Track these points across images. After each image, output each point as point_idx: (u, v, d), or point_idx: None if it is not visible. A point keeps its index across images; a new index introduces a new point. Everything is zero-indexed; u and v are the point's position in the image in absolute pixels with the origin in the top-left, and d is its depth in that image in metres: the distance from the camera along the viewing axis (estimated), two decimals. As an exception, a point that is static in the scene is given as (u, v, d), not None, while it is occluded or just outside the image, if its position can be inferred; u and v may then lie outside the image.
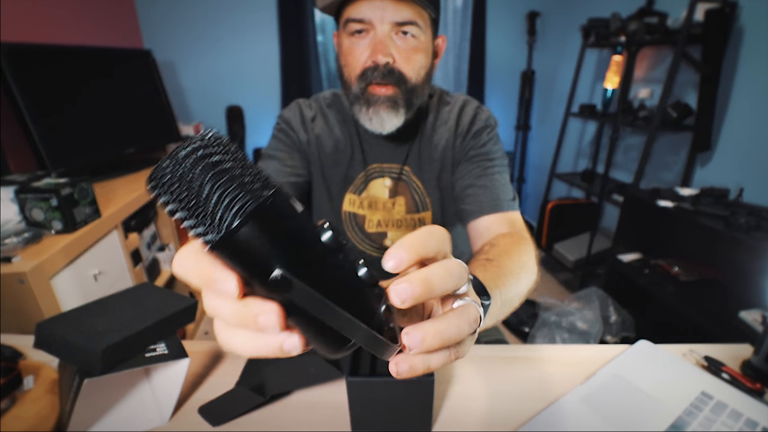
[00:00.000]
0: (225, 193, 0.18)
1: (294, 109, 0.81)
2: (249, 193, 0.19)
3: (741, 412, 0.54)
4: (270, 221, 0.19)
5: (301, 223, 0.21)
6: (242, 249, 0.19)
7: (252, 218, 0.18)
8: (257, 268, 0.19)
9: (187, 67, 2.64)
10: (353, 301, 0.22)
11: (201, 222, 0.18)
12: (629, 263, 1.83)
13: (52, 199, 1.04)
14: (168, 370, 0.53)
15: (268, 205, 0.19)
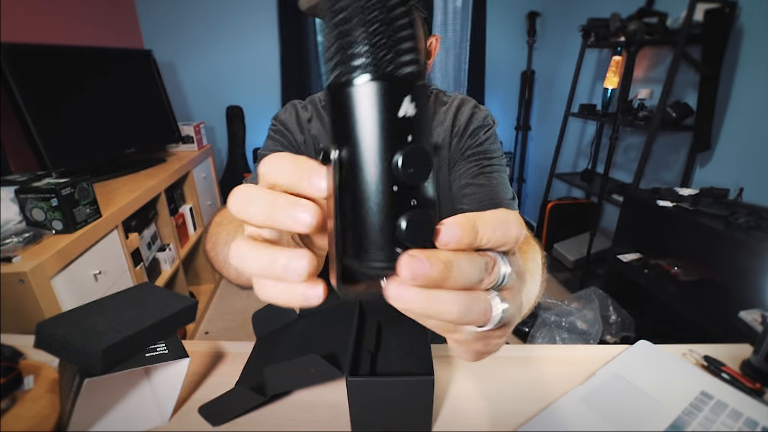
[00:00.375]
0: (415, 42, 0.19)
1: (289, 111, 0.80)
2: (420, 55, 0.20)
3: (741, 411, 0.54)
4: (421, 87, 0.20)
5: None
6: (389, 96, 0.19)
7: (414, 78, 0.19)
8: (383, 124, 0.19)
9: (187, 67, 2.65)
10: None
11: (374, 50, 0.19)
12: (629, 263, 1.83)
13: (52, 199, 1.04)
14: (168, 370, 0.53)
15: (424, 85, 0.20)
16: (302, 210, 0.20)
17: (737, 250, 1.50)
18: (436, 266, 0.19)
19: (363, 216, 0.21)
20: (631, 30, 1.76)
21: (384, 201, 0.20)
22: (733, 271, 1.55)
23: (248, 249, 0.22)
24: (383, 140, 0.19)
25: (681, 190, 1.66)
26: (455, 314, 0.21)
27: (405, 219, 0.20)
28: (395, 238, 0.20)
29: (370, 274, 0.21)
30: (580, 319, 1.74)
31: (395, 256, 0.20)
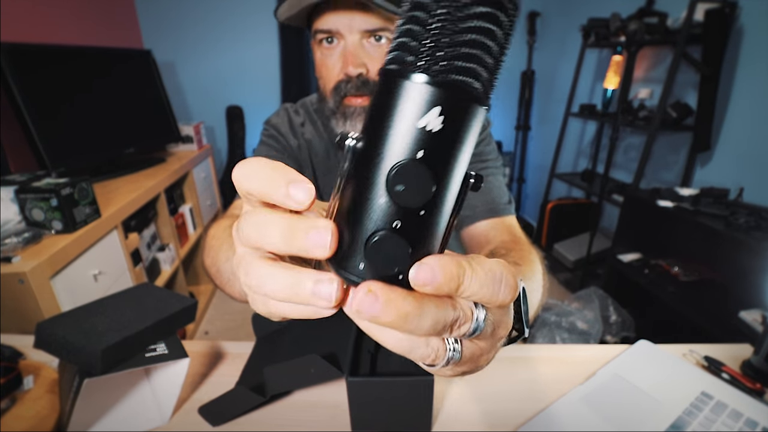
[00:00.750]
0: (475, 51, 0.17)
1: (282, 115, 0.78)
2: (484, 78, 0.18)
3: (741, 412, 0.54)
4: (463, 109, 0.18)
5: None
6: (414, 98, 0.17)
7: (455, 92, 0.17)
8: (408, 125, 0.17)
9: (187, 67, 2.65)
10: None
11: (429, 49, 0.17)
12: (629, 263, 1.83)
13: (52, 199, 1.04)
14: (168, 370, 0.53)
15: (486, 107, 0.18)
16: (324, 232, 0.18)
17: (737, 250, 1.50)
18: (387, 315, 0.17)
19: (347, 214, 0.20)
20: (631, 30, 1.76)
21: (365, 208, 0.19)
22: (733, 271, 1.55)
23: (266, 271, 0.20)
24: (391, 144, 0.18)
25: (681, 190, 1.66)
26: (398, 350, 0.20)
27: (374, 239, 0.18)
28: (362, 253, 0.19)
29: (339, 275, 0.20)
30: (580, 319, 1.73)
31: (357, 271, 0.19)
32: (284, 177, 0.19)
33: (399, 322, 0.18)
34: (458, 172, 0.19)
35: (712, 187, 1.60)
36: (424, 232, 0.19)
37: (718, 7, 1.55)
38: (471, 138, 0.19)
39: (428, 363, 0.21)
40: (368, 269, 0.19)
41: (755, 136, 1.55)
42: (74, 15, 1.91)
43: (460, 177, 0.19)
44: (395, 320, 0.18)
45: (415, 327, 0.18)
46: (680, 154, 1.91)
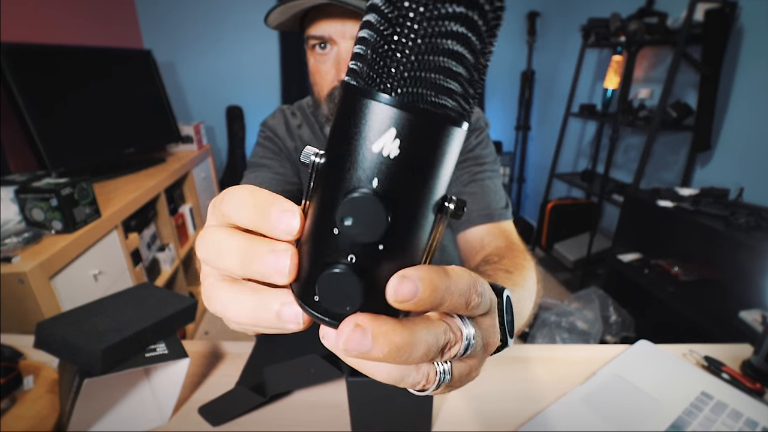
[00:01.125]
0: (444, 61, 0.14)
1: (278, 117, 0.77)
2: (456, 92, 0.15)
3: (741, 412, 0.54)
4: (426, 131, 0.15)
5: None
6: (365, 117, 0.15)
7: (425, 114, 0.15)
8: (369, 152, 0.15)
9: (187, 67, 2.65)
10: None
11: (391, 60, 0.14)
12: (629, 263, 1.83)
13: (52, 199, 1.04)
14: (168, 370, 0.53)
15: (461, 127, 0.16)
16: (282, 257, 0.17)
17: (737, 250, 1.50)
18: (379, 349, 0.16)
19: (306, 239, 0.18)
20: (631, 30, 1.76)
21: (320, 237, 0.17)
22: (733, 271, 1.55)
23: (227, 295, 0.19)
24: (346, 167, 0.16)
25: (681, 190, 1.66)
26: (389, 381, 0.19)
27: (324, 274, 0.17)
28: (314, 286, 0.17)
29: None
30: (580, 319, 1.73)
31: (312, 302, 0.18)
32: (270, 206, 0.18)
33: (392, 355, 0.16)
34: (425, 201, 0.17)
35: (712, 187, 1.60)
36: (384, 269, 0.17)
37: (718, 7, 1.55)
38: (441, 162, 0.16)
39: (419, 389, 0.20)
40: (321, 302, 0.17)
41: (755, 136, 1.55)
42: (74, 15, 1.91)
43: (429, 206, 0.17)
44: (388, 354, 0.16)
45: (408, 357, 0.17)
46: (680, 154, 1.91)
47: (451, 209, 0.18)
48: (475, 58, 0.16)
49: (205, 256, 0.19)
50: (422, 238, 0.18)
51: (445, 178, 0.17)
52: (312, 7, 0.58)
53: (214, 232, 0.19)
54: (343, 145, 0.16)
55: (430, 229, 0.18)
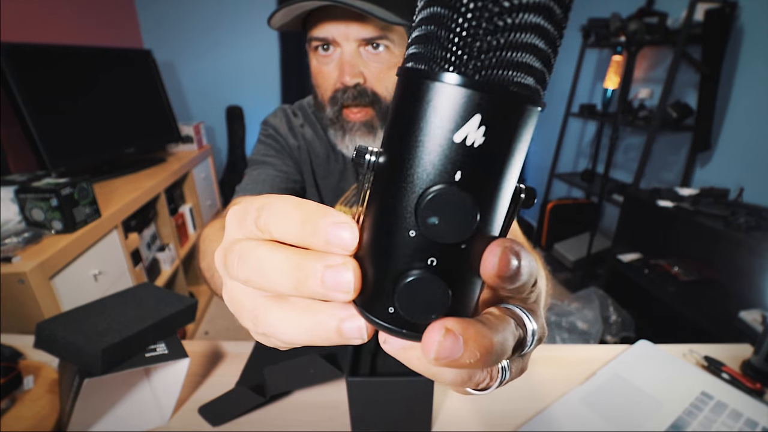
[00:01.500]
0: (526, 37, 0.13)
1: (280, 116, 0.77)
2: (537, 70, 0.14)
3: (741, 412, 0.54)
4: (511, 114, 0.14)
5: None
6: (448, 105, 0.14)
7: (509, 95, 0.13)
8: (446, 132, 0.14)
9: (187, 67, 2.65)
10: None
11: (469, 50, 0.13)
12: (629, 263, 1.83)
13: (52, 199, 1.04)
14: (168, 370, 0.53)
15: (538, 106, 0.14)
16: (343, 272, 0.15)
17: (737, 250, 1.50)
18: (471, 355, 0.15)
19: (370, 247, 0.16)
20: (631, 30, 1.76)
21: (392, 242, 0.15)
22: (733, 271, 1.55)
23: (279, 315, 0.17)
24: (419, 163, 0.14)
25: (681, 190, 1.66)
26: (456, 383, 0.18)
27: (405, 280, 0.15)
28: (392, 295, 0.16)
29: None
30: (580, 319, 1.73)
31: (386, 316, 0.16)
32: (320, 219, 0.16)
33: (482, 359, 0.15)
34: (508, 189, 0.15)
35: (712, 187, 1.60)
36: (466, 269, 0.15)
37: (718, 7, 1.55)
38: (523, 148, 0.15)
39: (481, 388, 0.19)
40: (400, 315, 0.16)
41: (755, 136, 1.55)
42: (74, 15, 1.91)
43: (509, 195, 0.16)
44: (479, 359, 0.15)
45: (495, 359, 0.16)
46: (680, 154, 1.91)
47: (523, 198, 0.17)
48: (558, 32, 0.14)
49: (246, 276, 0.17)
50: (499, 230, 0.16)
51: (521, 164, 0.16)
52: (315, 9, 0.57)
53: (253, 249, 0.17)
54: (413, 138, 0.14)
55: (505, 218, 0.17)
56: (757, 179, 1.55)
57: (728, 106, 1.64)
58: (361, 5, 0.52)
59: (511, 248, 0.15)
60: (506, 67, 0.13)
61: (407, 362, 0.18)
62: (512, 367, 0.20)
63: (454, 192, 0.14)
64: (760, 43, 1.52)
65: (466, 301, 0.17)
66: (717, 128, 1.68)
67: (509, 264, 0.15)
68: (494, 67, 0.13)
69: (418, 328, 0.16)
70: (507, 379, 0.20)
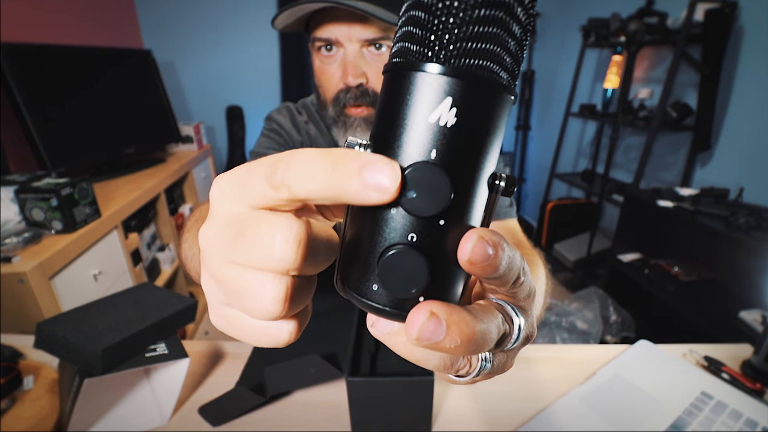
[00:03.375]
0: (491, 29, 0.15)
1: (284, 113, 0.78)
2: (505, 61, 0.16)
3: (741, 412, 0.54)
4: (480, 97, 0.16)
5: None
6: (423, 88, 0.15)
7: (478, 80, 0.15)
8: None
9: (187, 67, 2.65)
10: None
11: (442, 33, 0.15)
12: (629, 263, 1.83)
13: (52, 199, 1.04)
14: (168, 370, 0.53)
15: (511, 95, 0.16)
16: (380, 172, 0.14)
17: (737, 250, 1.50)
18: (453, 339, 0.15)
19: (357, 229, 0.17)
20: (631, 30, 1.76)
21: (375, 220, 0.16)
22: (733, 271, 1.55)
23: (302, 159, 0.15)
24: (400, 143, 0.16)
25: (681, 190, 1.66)
26: (440, 369, 0.19)
27: (386, 255, 0.16)
28: (375, 272, 0.17)
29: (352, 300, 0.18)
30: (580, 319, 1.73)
31: (370, 293, 0.17)
32: (352, 162, 0.14)
33: (463, 346, 0.15)
34: (482, 171, 0.17)
35: (712, 187, 1.60)
36: (445, 246, 0.16)
37: (718, 7, 1.55)
38: (495, 131, 0.16)
39: (461, 374, 0.20)
40: (383, 291, 0.17)
41: (755, 136, 1.55)
42: (74, 15, 1.91)
43: (484, 178, 0.17)
44: (460, 345, 0.15)
45: (476, 348, 0.16)
46: (680, 154, 1.91)
47: (503, 186, 0.17)
48: (521, 30, 0.16)
49: (291, 178, 0.15)
50: (479, 213, 0.17)
51: (496, 151, 0.17)
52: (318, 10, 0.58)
53: (298, 153, 0.15)
54: (395, 122, 0.16)
55: (485, 205, 0.18)
56: (757, 179, 1.54)
57: (728, 106, 1.64)
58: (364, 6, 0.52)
59: (490, 238, 0.16)
60: (473, 56, 0.15)
61: (393, 347, 0.18)
62: (495, 360, 0.21)
63: (429, 167, 0.15)
64: (760, 43, 1.52)
65: (449, 286, 0.17)
66: (717, 128, 1.68)
67: (484, 251, 0.15)
68: (462, 56, 0.15)
69: (402, 307, 0.17)
70: (487, 371, 0.20)
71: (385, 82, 0.17)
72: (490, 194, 0.18)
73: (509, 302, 0.20)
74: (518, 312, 0.20)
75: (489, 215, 0.18)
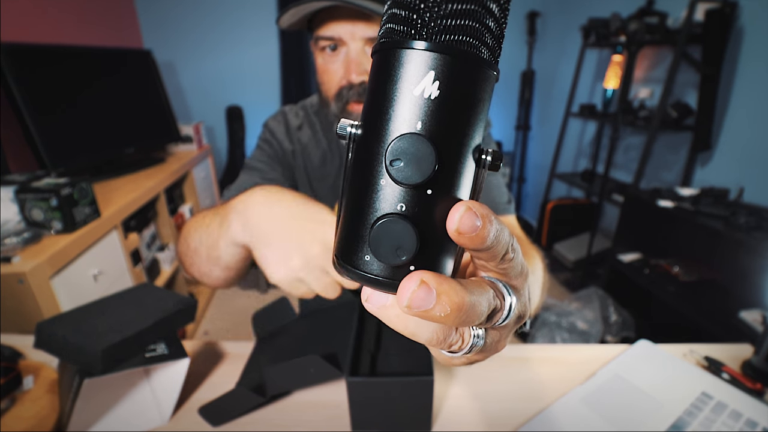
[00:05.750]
0: (470, 6, 0.16)
1: (279, 119, 0.79)
2: (485, 37, 0.17)
3: (741, 412, 0.54)
4: (461, 71, 0.17)
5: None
6: (407, 64, 0.16)
7: (459, 54, 0.16)
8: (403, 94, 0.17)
9: (187, 67, 2.65)
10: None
11: (423, 11, 0.16)
12: (629, 263, 1.83)
13: (51, 199, 1.04)
14: (168, 370, 0.53)
15: (492, 71, 0.18)
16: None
17: (737, 250, 1.50)
18: (442, 308, 0.16)
19: (351, 204, 0.18)
20: (631, 30, 1.76)
21: (367, 193, 0.17)
22: (733, 271, 1.55)
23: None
24: (388, 118, 0.17)
25: (681, 190, 1.66)
26: (431, 342, 0.19)
27: (376, 226, 0.17)
28: (365, 243, 0.17)
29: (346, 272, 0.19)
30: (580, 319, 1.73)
31: (362, 263, 0.18)
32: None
33: (452, 315, 0.16)
34: (466, 142, 0.17)
35: (712, 187, 1.60)
36: (434, 216, 0.17)
37: (718, 7, 1.55)
38: (477, 103, 0.17)
39: (453, 350, 0.20)
40: (374, 260, 0.17)
41: (755, 136, 1.55)
42: (74, 15, 1.91)
43: (469, 149, 0.18)
44: (449, 314, 0.16)
45: (465, 319, 0.17)
46: (680, 154, 1.91)
47: (489, 160, 0.18)
48: (499, 8, 0.17)
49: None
50: (466, 184, 0.18)
51: (481, 124, 0.18)
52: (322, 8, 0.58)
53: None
54: (383, 98, 0.17)
55: (472, 178, 0.18)
56: (757, 179, 1.54)
57: (728, 106, 1.64)
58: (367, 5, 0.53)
59: (478, 209, 0.16)
60: (453, 32, 0.16)
61: (388, 320, 0.19)
62: (487, 337, 0.21)
63: (414, 137, 0.16)
64: (760, 43, 1.52)
65: (440, 258, 0.18)
66: (717, 128, 1.68)
67: (472, 222, 0.16)
68: (444, 32, 0.16)
69: (394, 277, 0.18)
70: (480, 348, 0.21)
71: (373, 64, 0.18)
72: (477, 168, 0.18)
73: (501, 280, 0.20)
74: (510, 290, 0.20)
75: (477, 189, 0.19)
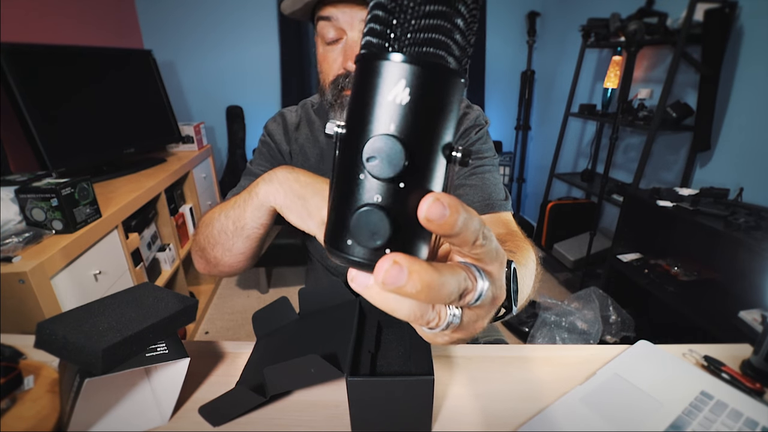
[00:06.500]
0: (441, 34, 0.19)
1: (278, 120, 0.80)
2: (452, 49, 0.19)
3: (741, 411, 0.54)
4: (429, 80, 0.19)
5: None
6: (382, 74, 0.19)
7: (427, 65, 0.19)
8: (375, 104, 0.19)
9: (187, 67, 2.65)
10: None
11: (396, 27, 0.19)
12: (629, 263, 1.83)
13: (52, 198, 1.04)
14: (168, 370, 0.53)
15: (459, 78, 0.20)
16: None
17: (737, 250, 1.50)
18: (413, 285, 0.18)
19: (337, 197, 0.21)
20: (631, 30, 1.76)
21: (349, 187, 0.20)
22: (733, 271, 1.55)
23: None
24: (366, 121, 0.19)
25: (681, 190, 1.66)
26: (410, 318, 0.21)
27: (355, 215, 0.19)
28: (347, 230, 0.20)
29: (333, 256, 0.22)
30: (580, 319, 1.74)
31: (345, 247, 0.20)
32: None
33: (423, 292, 0.18)
34: (435, 141, 0.20)
35: (712, 187, 1.60)
36: (406, 205, 0.20)
37: (718, 7, 1.55)
38: (444, 107, 0.20)
39: (431, 327, 0.23)
40: (355, 244, 0.20)
41: (755, 136, 1.55)
42: (74, 15, 1.91)
43: (438, 147, 0.20)
44: (420, 290, 0.18)
45: (435, 296, 0.19)
46: (680, 154, 1.91)
47: (459, 157, 0.20)
48: (465, 23, 0.19)
49: None
50: (436, 178, 0.20)
51: (450, 125, 0.20)
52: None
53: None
54: (362, 103, 0.19)
55: (443, 173, 0.21)
56: (757, 179, 1.54)
57: (728, 106, 1.64)
58: None
59: (445, 200, 0.18)
60: (422, 44, 0.19)
61: (371, 298, 0.21)
62: (464, 317, 0.23)
63: (386, 137, 0.18)
64: (760, 43, 1.52)
65: (413, 242, 0.21)
66: (717, 128, 1.68)
67: (440, 210, 0.18)
68: (414, 45, 0.19)
69: (373, 259, 0.20)
70: (456, 326, 0.23)
71: (356, 71, 0.20)
72: (448, 164, 0.21)
73: (476, 264, 0.22)
74: (482, 273, 0.22)
75: (449, 183, 0.21)
